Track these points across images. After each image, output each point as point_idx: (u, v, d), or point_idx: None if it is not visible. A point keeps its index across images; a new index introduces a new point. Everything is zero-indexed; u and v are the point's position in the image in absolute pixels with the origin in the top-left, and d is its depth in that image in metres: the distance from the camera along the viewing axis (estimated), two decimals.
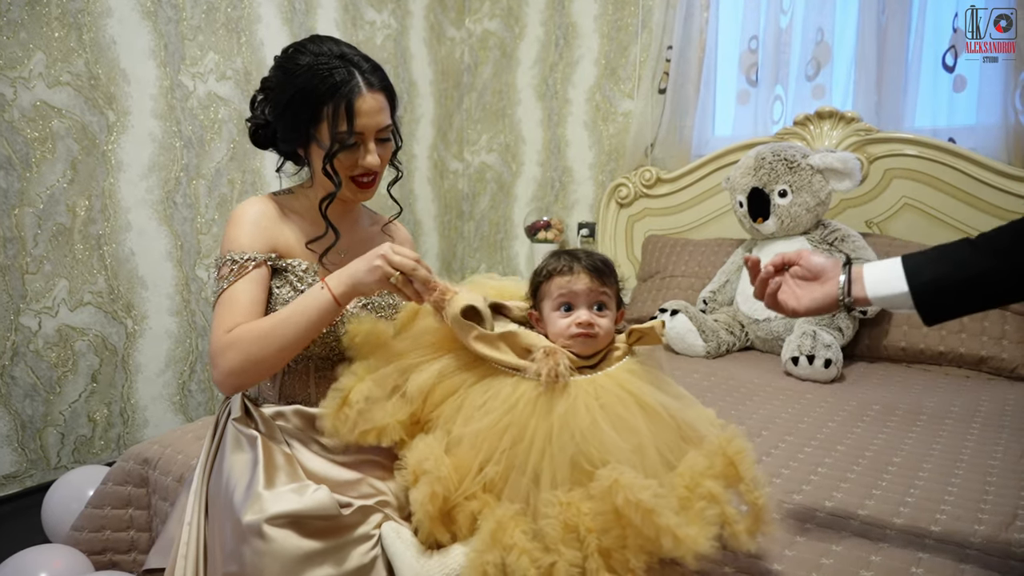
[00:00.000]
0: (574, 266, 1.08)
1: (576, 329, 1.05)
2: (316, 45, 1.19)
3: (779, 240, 2.31)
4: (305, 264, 1.20)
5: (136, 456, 1.56)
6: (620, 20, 3.09)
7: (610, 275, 1.10)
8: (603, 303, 1.08)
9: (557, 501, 0.91)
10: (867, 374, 2.08)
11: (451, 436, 1.01)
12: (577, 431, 0.95)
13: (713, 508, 0.91)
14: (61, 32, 2.16)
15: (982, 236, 0.94)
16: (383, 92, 1.20)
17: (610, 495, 0.88)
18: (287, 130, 1.19)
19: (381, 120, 1.19)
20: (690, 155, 2.94)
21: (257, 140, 1.25)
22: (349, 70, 1.15)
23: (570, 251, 1.13)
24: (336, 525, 1.00)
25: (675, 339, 2.26)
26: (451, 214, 3.67)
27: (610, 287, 1.10)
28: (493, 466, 0.97)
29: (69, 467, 2.28)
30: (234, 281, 1.13)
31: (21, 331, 2.15)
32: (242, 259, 1.14)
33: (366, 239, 1.33)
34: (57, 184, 2.19)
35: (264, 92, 1.23)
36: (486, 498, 0.97)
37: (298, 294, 1.17)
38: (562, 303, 1.08)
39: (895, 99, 2.50)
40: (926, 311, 0.94)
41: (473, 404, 1.02)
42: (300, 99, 1.15)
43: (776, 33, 2.68)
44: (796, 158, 2.25)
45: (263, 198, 1.24)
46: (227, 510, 1.03)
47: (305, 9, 2.83)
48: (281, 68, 1.19)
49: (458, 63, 3.57)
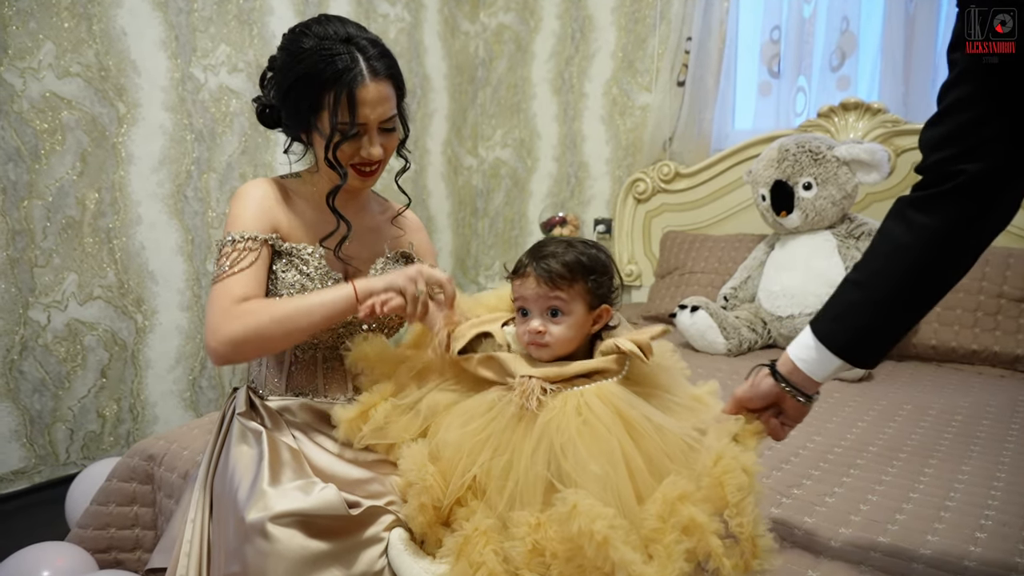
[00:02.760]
0: (527, 268, 1.02)
1: (527, 337, 1.02)
2: (321, 27, 1.13)
3: (803, 235, 2.23)
4: (311, 248, 1.16)
5: (141, 452, 1.52)
6: (638, 12, 3.02)
7: (570, 277, 1.01)
8: (557, 308, 1.01)
9: (526, 522, 0.87)
10: (896, 373, 2.01)
11: (435, 441, 0.99)
12: (556, 445, 0.90)
13: (688, 542, 0.82)
14: (71, 22, 2.13)
15: (856, 266, 0.94)
16: (389, 80, 1.13)
17: (569, 521, 0.82)
18: (290, 115, 1.15)
19: (385, 111, 1.12)
20: (709, 149, 2.87)
21: (264, 120, 1.21)
22: (353, 55, 1.09)
23: (540, 245, 1.06)
24: (344, 525, 0.95)
25: (695, 336, 2.19)
26: (465, 211, 3.62)
27: (565, 290, 1.01)
28: (478, 469, 0.94)
29: (78, 463, 2.25)
30: (238, 260, 1.08)
31: (30, 325, 2.12)
32: (244, 238, 1.10)
33: (374, 227, 1.28)
34: (66, 176, 2.16)
35: (271, 71, 1.19)
36: (476, 504, 0.94)
37: (304, 277, 1.13)
38: (519, 307, 1.04)
39: (923, 89, 2.42)
40: (863, 364, 0.94)
41: (458, 411, 1.00)
42: (302, 85, 1.09)
43: (799, 23, 2.61)
44: (821, 149, 2.18)
45: (268, 180, 1.20)
46: (231, 507, 0.99)
47: (317, 1, 2.79)
48: (286, 50, 1.14)
49: (472, 57, 3.52)
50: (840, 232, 2.20)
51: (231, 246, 1.09)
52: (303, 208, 1.19)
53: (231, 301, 1.05)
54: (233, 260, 1.08)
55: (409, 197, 1.36)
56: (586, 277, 1.02)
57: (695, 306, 2.19)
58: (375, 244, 1.26)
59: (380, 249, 1.26)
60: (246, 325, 1.02)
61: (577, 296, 1.02)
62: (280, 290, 1.12)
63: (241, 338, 1.02)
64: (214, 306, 1.06)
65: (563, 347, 1.02)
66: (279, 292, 1.12)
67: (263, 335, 1.03)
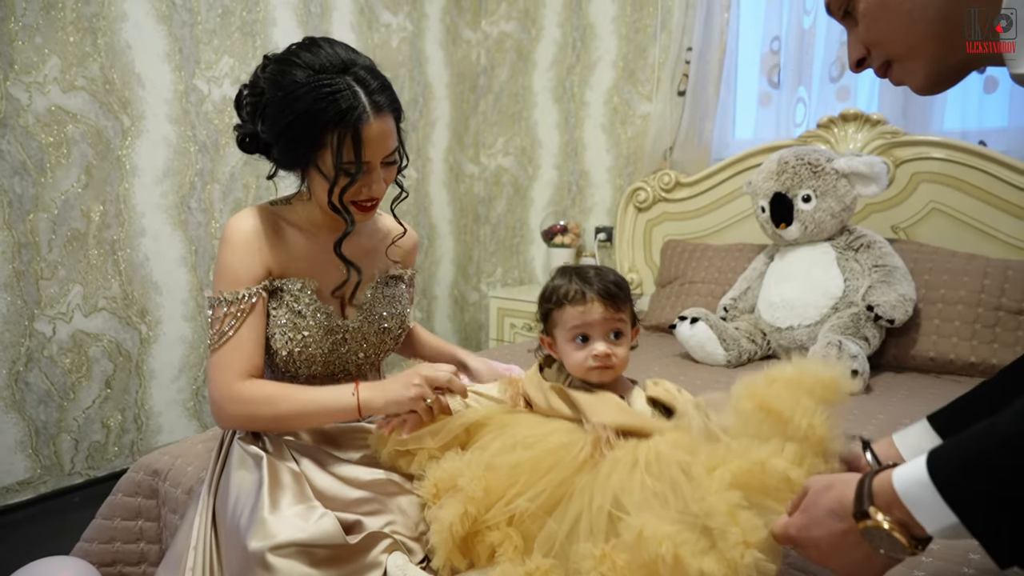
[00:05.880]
0: (587, 293, 1.02)
1: (593, 362, 1.03)
2: (313, 55, 1.06)
3: (802, 246, 2.25)
4: (300, 283, 1.15)
5: (146, 467, 1.53)
6: (638, 21, 3.04)
7: (624, 298, 1.05)
8: (619, 330, 1.04)
9: (591, 554, 0.84)
10: (894, 385, 2.02)
11: (489, 461, 0.96)
12: (619, 483, 0.89)
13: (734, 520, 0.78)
14: (76, 36, 2.15)
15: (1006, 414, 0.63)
16: (391, 113, 1.10)
17: (638, 548, 0.82)
18: (285, 152, 1.11)
19: (389, 145, 1.10)
20: (710, 158, 2.89)
21: (246, 147, 1.18)
22: (353, 90, 1.04)
23: (580, 271, 1.06)
24: (344, 553, 0.97)
25: (695, 348, 2.21)
26: (467, 218, 3.64)
27: (625, 311, 1.04)
28: (527, 502, 0.91)
29: (83, 473, 2.27)
30: (235, 325, 1.09)
31: (35, 337, 2.14)
32: (237, 298, 1.10)
33: (370, 250, 1.28)
34: (72, 189, 2.18)
35: (253, 100, 1.13)
36: (509, 531, 0.91)
37: (296, 315, 1.14)
38: (577, 334, 1.04)
39: (923, 101, 2.42)
40: None
41: (516, 435, 0.99)
42: (301, 124, 1.05)
43: (799, 34, 2.62)
44: (820, 162, 2.19)
45: (256, 211, 1.17)
46: (233, 533, 1.00)
47: (320, 12, 2.81)
48: (276, 84, 1.07)
49: (474, 65, 3.54)
50: (839, 244, 2.21)
51: (225, 307, 1.09)
52: (295, 239, 1.18)
53: (233, 376, 1.08)
54: (228, 325, 1.09)
55: (405, 227, 1.33)
56: (629, 298, 1.07)
57: (695, 318, 2.21)
58: (370, 268, 1.27)
59: (373, 273, 1.27)
60: (246, 415, 1.08)
61: (629, 317, 1.06)
62: (273, 330, 1.13)
63: (238, 423, 1.11)
64: (215, 380, 1.09)
65: (624, 367, 1.05)
66: (272, 332, 1.13)
67: (258, 424, 1.10)
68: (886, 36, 0.72)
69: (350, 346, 1.21)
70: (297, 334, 1.15)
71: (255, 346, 1.11)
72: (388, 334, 1.27)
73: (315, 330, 1.16)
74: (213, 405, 1.10)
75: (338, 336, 1.19)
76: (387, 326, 1.26)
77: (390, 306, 1.28)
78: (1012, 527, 0.59)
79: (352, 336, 1.21)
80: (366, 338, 1.24)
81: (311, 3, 2.77)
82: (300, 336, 1.15)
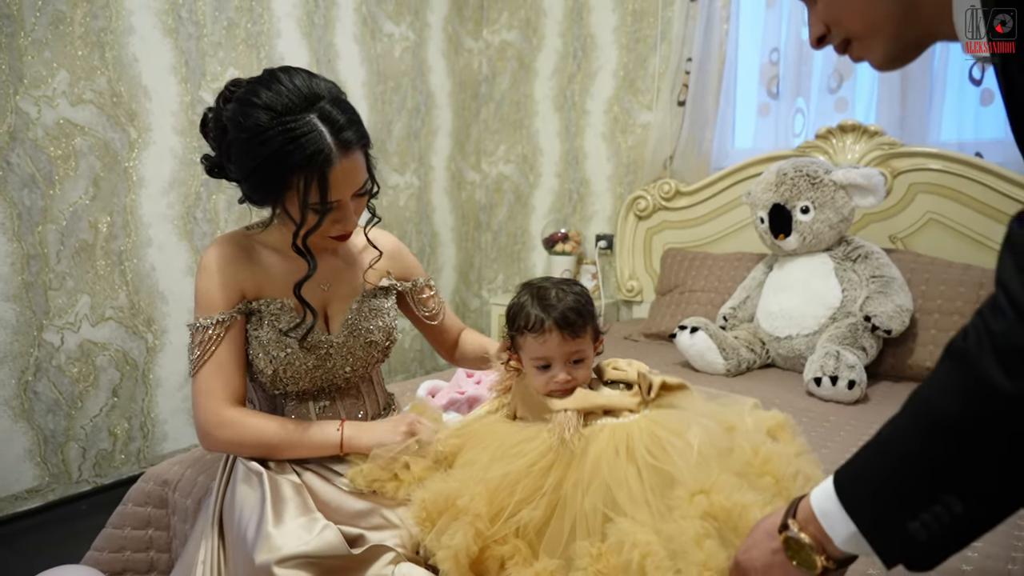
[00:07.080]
0: (545, 322, 1.03)
1: (555, 386, 1.06)
2: (274, 94, 1.03)
3: (801, 257, 2.27)
4: (280, 303, 1.17)
5: (156, 477, 1.56)
6: (639, 32, 3.07)
7: (583, 323, 1.05)
8: (580, 358, 1.06)
9: (587, 552, 0.88)
10: (892, 395, 2.04)
11: (482, 476, 0.98)
12: (610, 477, 0.93)
13: None
14: (84, 51, 2.18)
15: None
16: (360, 149, 1.08)
17: (620, 550, 0.86)
18: (253, 191, 1.11)
19: (358, 181, 1.09)
20: (709, 168, 2.92)
21: (214, 175, 1.19)
22: (319, 132, 1.02)
23: (542, 293, 1.07)
24: (349, 564, 0.99)
25: (695, 357, 2.23)
26: (468, 225, 3.67)
27: (585, 336, 1.06)
28: (531, 510, 0.94)
29: (90, 481, 2.30)
30: (212, 349, 1.12)
31: (44, 347, 2.17)
32: (212, 323, 1.13)
33: (350, 263, 1.29)
34: (79, 201, 2.21)
35: (217, 136, 1.14)
36: (518, 543, 0.93)
37: (277, 332, 1.16)
38: (538, 363, 1.07)
39: (920, 113, 2.45)
40: None
41: (503, 446, 1.02)
42: (267, 168, 1.03)
43: (798, 45, 2.65)
44: (819, 174, 2.22)
45: (228, 238, 1.19)
46: (240, 546, 1.03)
47: (324, 24, 2.84)
48: (239, 127, 1.04)
49: (476, 74, 3.57)
50: (837, 254, 2.24)
51: (201, 333, 1.13)
52: (271, 260, 1.19)
53: (217, 402, 1.12)
54: (204, 348, 1.13)
55: (380, 251, 1.30)
56: (590, 318, 1.08)
57: (695, 327, 2.23)
58: (353, 280, 1.28)
59: (357, 285, 1.28)
60: (231, 440, 1.13)
61: (589, 337, 1.08)
62: (257, 350, 1.16)
63: (225, 450, 1.16)
64: (200, 405, 1.13)
65: (587, 381, 1.09)
66: (256, 352, 1.16)
67: (242, 450, 1.14)
68: (845, 14, 0.73)
69: (335, 361, 1.22)
70: (281, 351, 1.16)
71: (235, 368, 1.14)
72: (375, 347, 1.27)
73: (298, 347, 1.17)
74: (199, 431, 1.14)
75: (322, 351, 1.20)
76: (373, 339, 1.26)
77: (376, 319, 1.27)
78: (890, 527, 0.63)
79: (337, 351, 1.22)
80: (352, 352, 1.24)
81: (315, 15, 2.80)
82: (283, 354, 1.16)
